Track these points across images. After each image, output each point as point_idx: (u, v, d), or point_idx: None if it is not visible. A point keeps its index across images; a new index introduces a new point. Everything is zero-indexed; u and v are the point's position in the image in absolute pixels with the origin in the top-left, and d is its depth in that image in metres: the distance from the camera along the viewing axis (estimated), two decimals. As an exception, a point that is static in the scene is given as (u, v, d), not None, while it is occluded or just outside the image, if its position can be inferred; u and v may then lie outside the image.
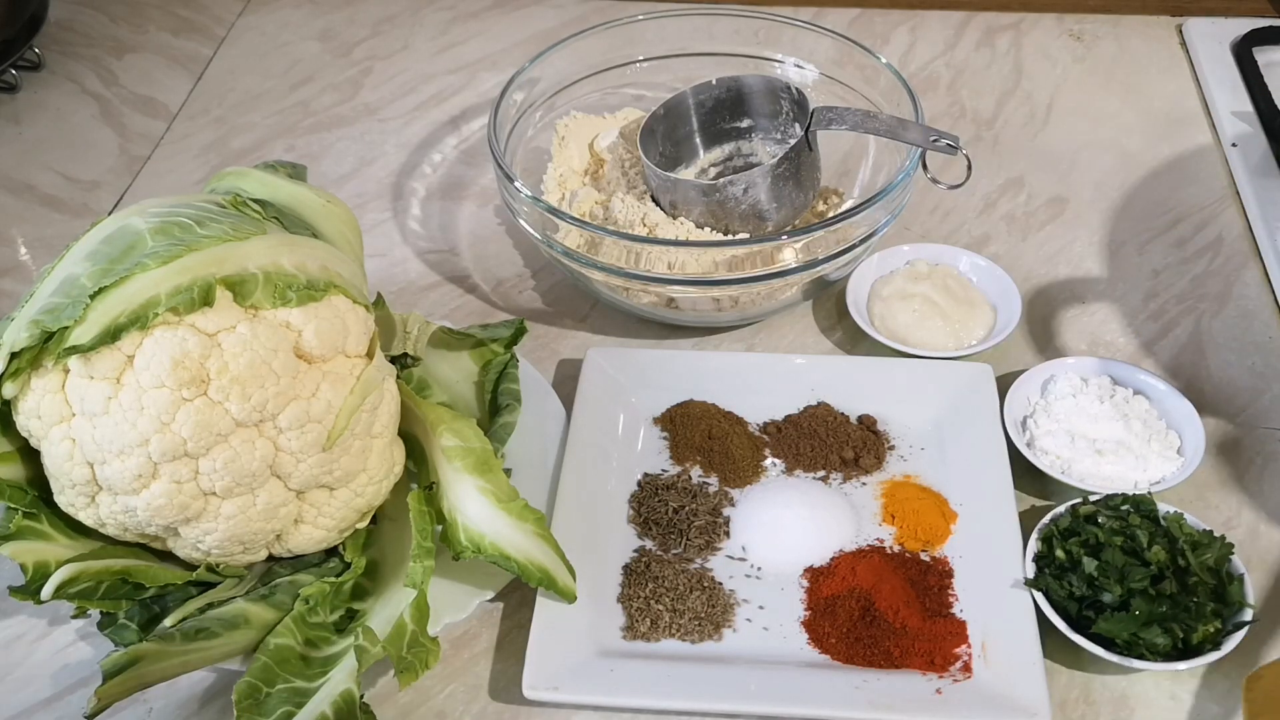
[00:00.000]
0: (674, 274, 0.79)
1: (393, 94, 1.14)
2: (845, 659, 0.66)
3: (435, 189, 1.04)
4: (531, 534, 0.66)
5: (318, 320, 0.63)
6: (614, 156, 0.95)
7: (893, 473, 0.77)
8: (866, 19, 1.21)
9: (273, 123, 1.11)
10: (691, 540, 0.73)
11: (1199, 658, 0.63)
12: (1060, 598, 0.66)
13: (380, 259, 0.96)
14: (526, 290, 0.93)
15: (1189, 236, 0.95)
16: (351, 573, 0.68)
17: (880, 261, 0.89)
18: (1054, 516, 0.70)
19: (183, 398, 0.60)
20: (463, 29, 1.23)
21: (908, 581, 0.69)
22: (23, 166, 1.06)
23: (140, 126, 1.11)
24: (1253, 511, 0.75)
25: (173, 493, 0.61)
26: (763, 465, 0.78)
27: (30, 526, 0.65)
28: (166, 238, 0.62)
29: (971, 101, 1.10)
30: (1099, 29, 1.19)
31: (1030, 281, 0.91)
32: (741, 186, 0.84)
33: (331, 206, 0.73)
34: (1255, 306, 0.89)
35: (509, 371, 0.78)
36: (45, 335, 0.60)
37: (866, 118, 0.84)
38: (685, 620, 0.68)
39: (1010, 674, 0.64)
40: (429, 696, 0.67)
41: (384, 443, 0.67)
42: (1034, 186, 1.01)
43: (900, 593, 0.69)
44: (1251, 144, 1.01)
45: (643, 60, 0.98)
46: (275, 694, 0.61)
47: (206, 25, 1.24)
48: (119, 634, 0.65)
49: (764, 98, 0.92)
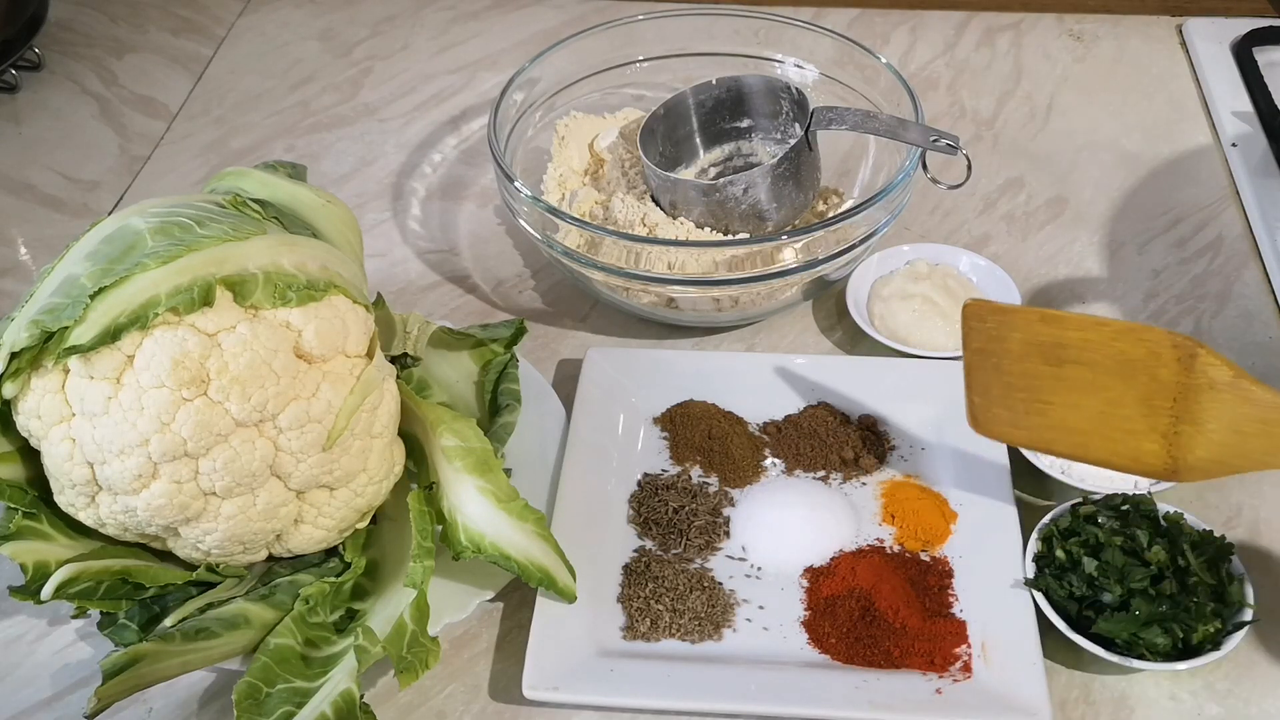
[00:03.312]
0: (674, 274, 0.79)
1: (393, 94, 1.14)
2: (845, 659, 0.66)
3: (435, 189, 1.04)
4: (531, 534, 0.66)
5: (318, 320, 0.64)
6: (614, 156, 0.95)
7: (893, 473, 0.77)
8: (866, 19, 1.21)
9: (273, 123, 1.11)
10: (691, 540, 0.73)
11: (1199, 658, 0.63)
12: (1060, 598, 0.66)
13: (380, 259, 0.96)
14: (526, 290, 0.93)
15: (1189, 236, 0.95)
16: (351, 573, 0.68)
17: (880, 261, 0.89)
18: (1054, 516, 0.70)
19: (183, 398, 0.60)
20: (463, 29, 1.23)
21: (908, 581, 0.70)
22: (23, 166, 1.06)
23: (140, 126, 1.11)
24: (1253, 511, 0.75)
25: (173, 493, 0.61)
26: (763, 465, 0.78)
27: (30, 526, 0.65)
28: (166, 238, 0.62)
29: (971, 101, 1.10)
30: (1099, 29, 1.19)
31: (1030, 281, 0.91)
32: (741, 186, 0.84)
33: (331, 206, 0.73)
34: (1255, 306, 0.89)
35: (509, 371, 0.78)
36: (45, 335, 0.60)
37: (866, 118, 0.84)
38: (685, 620, 0.68)
39: (1010, 674, 0.64)
40: (429, 696, 0.67)
41: (384, 443, 0.67)
42: (1034, 186, 1.01)
43: (900, 593, 0.69)
44: (1251, 144, 1.01)
45: (643, 60, 0.98)
46: (275, 694, 0.61)
47: (206, 25, 1.24)
48: (119, 634, 0.65)
49: (764, 98, 0.92)
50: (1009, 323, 0.66)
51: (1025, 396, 0.67)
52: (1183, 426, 0.63)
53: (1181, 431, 0.63)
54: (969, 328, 0.68)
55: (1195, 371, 0.62)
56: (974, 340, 0.68)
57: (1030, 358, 0.66)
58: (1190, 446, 0.63)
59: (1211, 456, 0.63)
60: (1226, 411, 0.62)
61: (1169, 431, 0.64)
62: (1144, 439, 0.65)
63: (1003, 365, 0.67)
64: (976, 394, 0.69)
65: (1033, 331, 0.65)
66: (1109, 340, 0.64)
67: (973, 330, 0.68)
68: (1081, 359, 0.64)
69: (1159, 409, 0.63)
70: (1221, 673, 0.66)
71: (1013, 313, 0.66)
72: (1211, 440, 0.63)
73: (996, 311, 0.67)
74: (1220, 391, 0.61)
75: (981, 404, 0.69)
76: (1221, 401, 0.62)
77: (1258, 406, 0.61)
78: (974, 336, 0.68)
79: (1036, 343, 0.65)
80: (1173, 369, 0.62)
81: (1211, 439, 0.63)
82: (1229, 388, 0.61)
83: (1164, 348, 0.62)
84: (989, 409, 0.69)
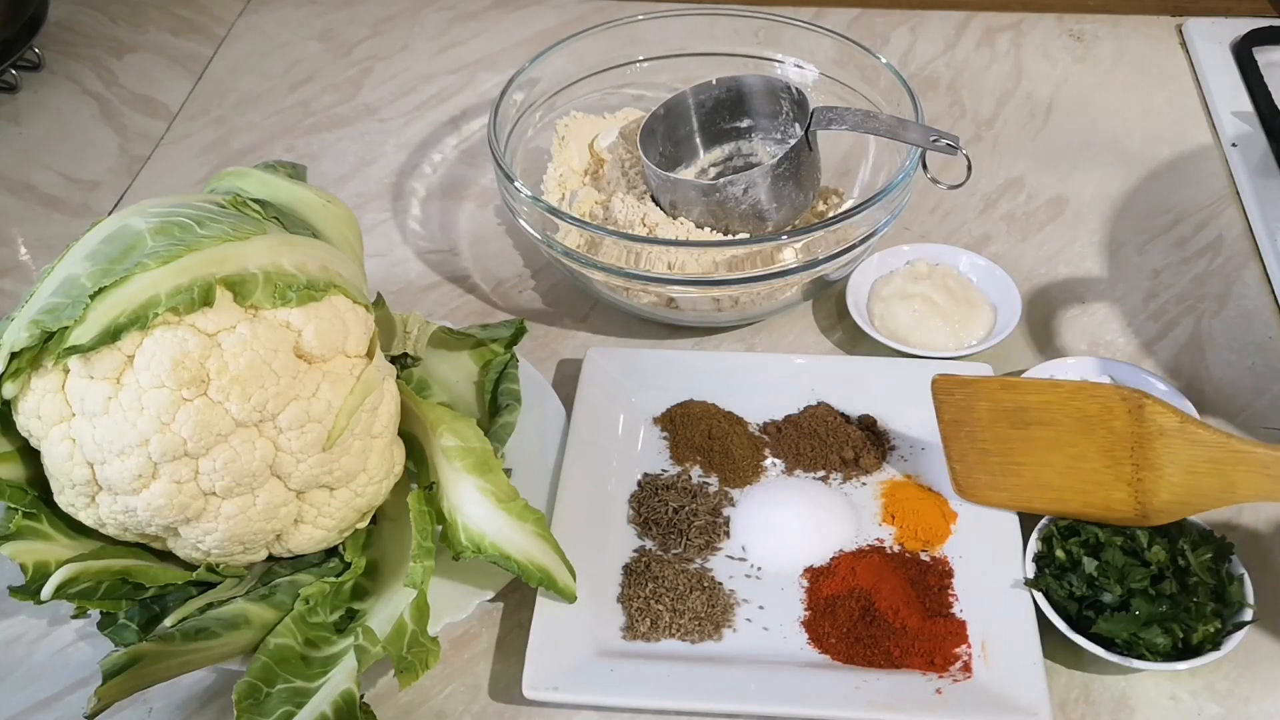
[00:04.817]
0: (674, 274, 0.79)
1: (393, 94, 1.14)
2: (845, 659, 0.67)
3: (435, 189, 1.04)
4: (531, 534, 0.66)
5: (318, 320, 0.64)
6: (614, 156, 0.95)
7: (893, 473, 0.77)
8: (866, 19, 1.21)
9: (273, 123, 1.11)
10: (691, 540, 0.73)
11: (1199, 658, 0.63)
12: (1060, 598, 0.66)
13: (380, 259, 0.96)
14: (526, 290, 0.93)
15: (1189, 236, 0.95)
16: (351, 573, 0.68)
17: (880, 261, 0.89)
18: (1054, 516, 0.70)
19: (183, 398, 0.60)
20: (463, 29, 1.23)
21: (908, 581, 0.70)
22: (23, 166, 1.06)
23: (140, 126, 1.11)
24: (1253, 511, 0.75)
25: (173, 493, 0.61)
26: (763, 465, 0.78)
27: (30, 526, 0.65)
28: (166, 238, 0.62)
29: (971, 101, 1.10)
30: (1099, 29, 1.19)
31: (1030, 281, 0.91)
32: (741, 186, 0.84)
33: (331, 206, 0.73)
34: (1255, 306, 0.89)
35: (509, 371, 0.78)
36: (45, 335, 0.60)
37: (866, 118, 0.84)
38: (685, 620, 0.68)
39: (1010, 674, 0.64)
40: (429, 696, 0.67)
41: (384, 443, 0.67)
42: (1034, 186, 1.01)
43: (900, 593, 0.69)
44: (1251, 144, 1.01)
45: (643, 60, 0.98)
46: (275, 694, 0.61)
47: (206, 25, 1.24)
48: (119, 634, 0.65)
49: (764, 98, 0.92)
50: (974, 393, 0.70)
51: (1000, 460, 0.70)
52: (1144, 473, 0.66)
53: (1144, 478, 0.66)
54: (939, 400, 0.71)
55: (1145, 420, 0.64)
56: (945, 412, 0.71)
57: (998, 423, 0.69)
58: (1154, 491, 0.66)
59: (1175, 498, 0.66)
60: (1179, 455, 0.64)
61: (1133, 479, 0.66)
62: (1112, 489, 0.67)
63: (975, 433, 0.70)
64: (956, 462, 0.72)
65: (996, 399, 0.69)
66: (1065, 400, 0.67)
67: (943, 403, 0.71)
68: (1044, 419, 0.67)
69: (1120, 459, 0.66)
70: (1221, 673, 0.66)
71: (976, 384, 0.70)
72: (1172, 483, 0.65)
73: (962, 384, 0.70)
74: (1170, 437, 0.64)
75: (962, 471, 0.72)
76: (1173, 447, 0.64)
77: (1205, 447, 0.63)
78: (945, 409, 0.71)
79: (1001, 409, 0.69)
80: (1125, 420, 0.65)
81: (1171, 482, 0.65)
82: (1177, 433, 0.64)
83: (1114, 401, 0.65)
84: (969, 475, 0.72)
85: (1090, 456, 0.67)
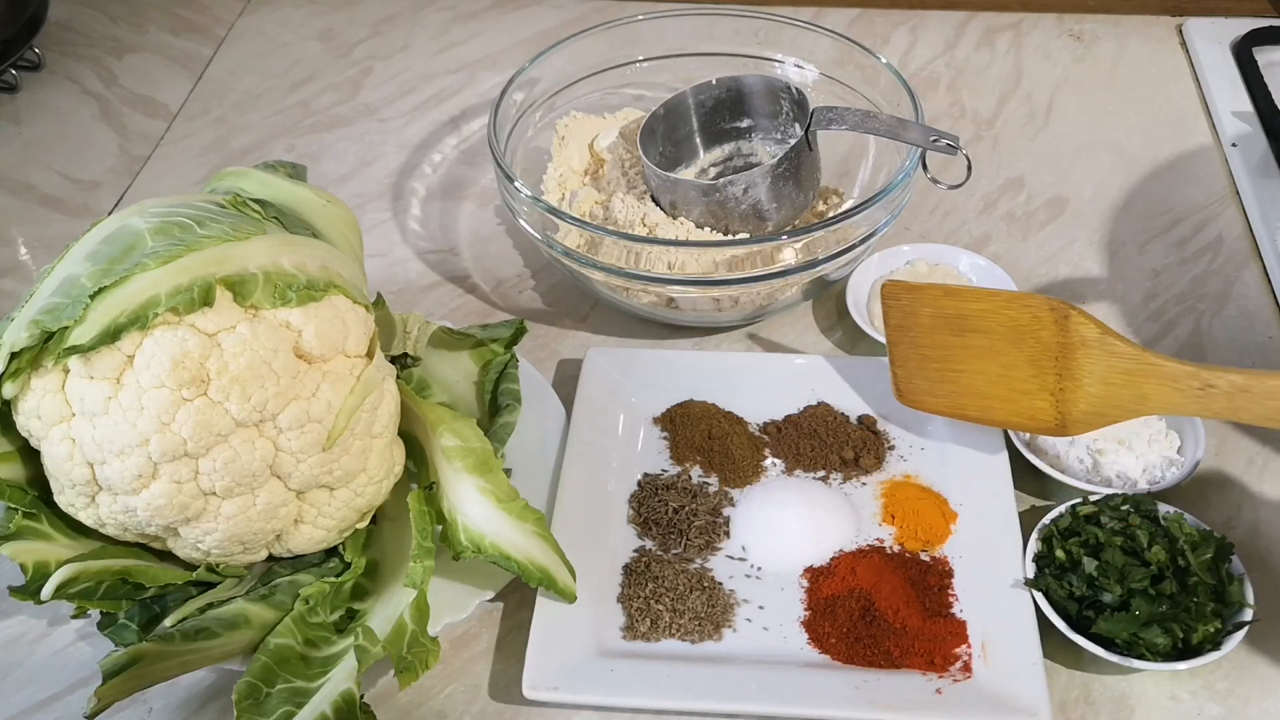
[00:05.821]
0: (674, 274, 0.79)
1: (393, 94, 1.14)
2: (845, 659, 0.67)
3: (435, 189, 1.04)
4: (531, 534, 0.66)
5: (318, 320, 0.64)
6: (614, 156, 0.95)
7: (893, 473, 0.77)
8: (866, 19, 1.21)
9: (273, 123, 1.11)
10: (691, 540, 0.73)
11: (1199, 658, 0.63)
12: (1060, 598, 0.66)
13: (380, 259, 0.96)
14: (526, 290, 0.94)
15: (1189, 236, 0.95)
16: (351, 573, 0.68)
17: (880, 261, 0.89)
18: (1054, 516, 0.70)
19: (183, 398, 0.60)
20: (463, 29, 1.23)
21: (908, 581, 0.70)
22: (23, 166, 1.06)
23: (140, 126, 1.11)
24: (1253, 511, 0.75)
25: (173, 493, 0.61)
26: (763, 465, 0.78)
27: (30, 526, 0.65)
28: (166, 238, 0.62)
29: (971, 101, 1.10)
30: (1099, 29, 1.19)
31: (1030, 281, 0.91)
32: (741, 186, 0.84)
33: (331, 206, 0.73)
34: (1255, 306, 0.89)
35: (509, 371, 0.78)
36: (45, 335, 0.60)
37: (866, 118, 0.84)
38: (685, 620, 0.68)
39: (1010, 674, 0.64)
40: (429, 696, 0.67)
41: (384, 443, 0.67)
42: (1034, 186, 1.01)
43: (900, 593, 0.69)
44: (1251, 144, 1.01)
45: (643, 60, 0.98)
46: (275, 694, 0.61)
47: (206, 25, 1.24)
48: (119, 634, 0.65)
49: (764, 98, 0.92)
50: (919, 299, 0.73)
51: (938, 366, 0.73)
52: (1065, 383, 0.68)
53: (1065, 388, 0.69)
54: (887, 306, 0.75)
55: (1069, 331, 0.67)
56: (892, 317, 0.75)
57: (939, 330, 0.72)
58: (1073, 401, 0.69)
59: (1091, 409, 0.68)
60: (1097, 366, 0.67)
61: (1055, 389, 0.69)
62: (1036, 398, 0.70)
63: (918, 339, 0.73)
64: (898, 366, 0.76)
65: (939, 305, 0.72)
66: (1000, 308, 0.70)
67: (890, 308, 0.75)
68: (980, 327, 0.71)
69: (1045, 368, 0.69)
70: (1221, 673, 0.66)
71: (921, 290, 0.73)
72: (1089, 394, 0.68)
73: (908, 290, 0.74)
74: (1091, 348, 0.67)
75: (903, 375, 0.75)
76: (1092, 357, 0.67)
77: (1121, 359, 0.66)
78: (891, 313, 0.75)
79: (943, 315, 0.72)
80: (1051, 330, 0.68)
81: (1089, 392, 0.68)
82: (1097, 344, 0.67)
83: (1043, 310, 0.68)
84: (909, 380, 0.75)
85: (1019, 365, 0.70)
